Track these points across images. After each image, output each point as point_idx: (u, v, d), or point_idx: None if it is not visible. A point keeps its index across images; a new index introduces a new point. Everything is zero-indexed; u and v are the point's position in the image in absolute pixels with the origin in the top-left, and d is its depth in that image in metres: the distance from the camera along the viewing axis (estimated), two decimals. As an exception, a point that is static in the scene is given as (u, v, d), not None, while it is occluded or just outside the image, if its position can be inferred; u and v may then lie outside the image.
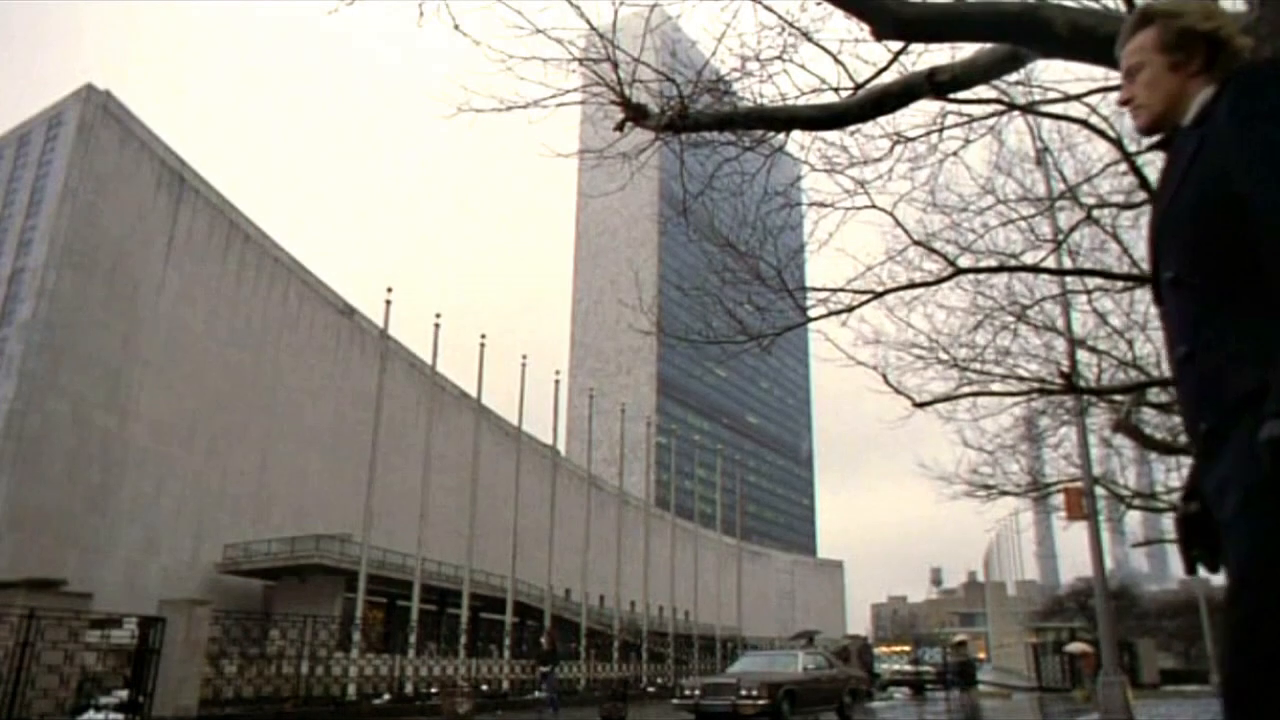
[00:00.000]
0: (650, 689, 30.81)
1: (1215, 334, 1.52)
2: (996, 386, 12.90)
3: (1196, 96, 1.67)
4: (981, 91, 6.82)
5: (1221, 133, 1.54)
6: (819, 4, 4.81)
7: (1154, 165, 10.85)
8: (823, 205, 8.45)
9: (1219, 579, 1.57)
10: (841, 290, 9.63)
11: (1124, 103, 1.82)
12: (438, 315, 30.50)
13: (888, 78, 5.69)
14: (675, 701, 16.07)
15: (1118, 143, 8.50)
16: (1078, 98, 8.07)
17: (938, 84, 4.62)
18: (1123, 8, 7.17)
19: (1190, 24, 1.70)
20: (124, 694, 16.30)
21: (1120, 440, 17.95)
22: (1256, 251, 1.44)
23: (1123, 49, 1.82)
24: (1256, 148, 1.47)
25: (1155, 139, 1.81)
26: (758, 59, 6.42)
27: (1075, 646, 33.78)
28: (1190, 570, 1.72)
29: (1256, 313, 1.45)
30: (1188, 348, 1.57)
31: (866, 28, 4.48)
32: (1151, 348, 13.55)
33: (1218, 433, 1.50)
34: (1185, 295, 1.59)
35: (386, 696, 22.18)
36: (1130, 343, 13.71)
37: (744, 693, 14.28)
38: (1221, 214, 1.50)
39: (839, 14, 4.72)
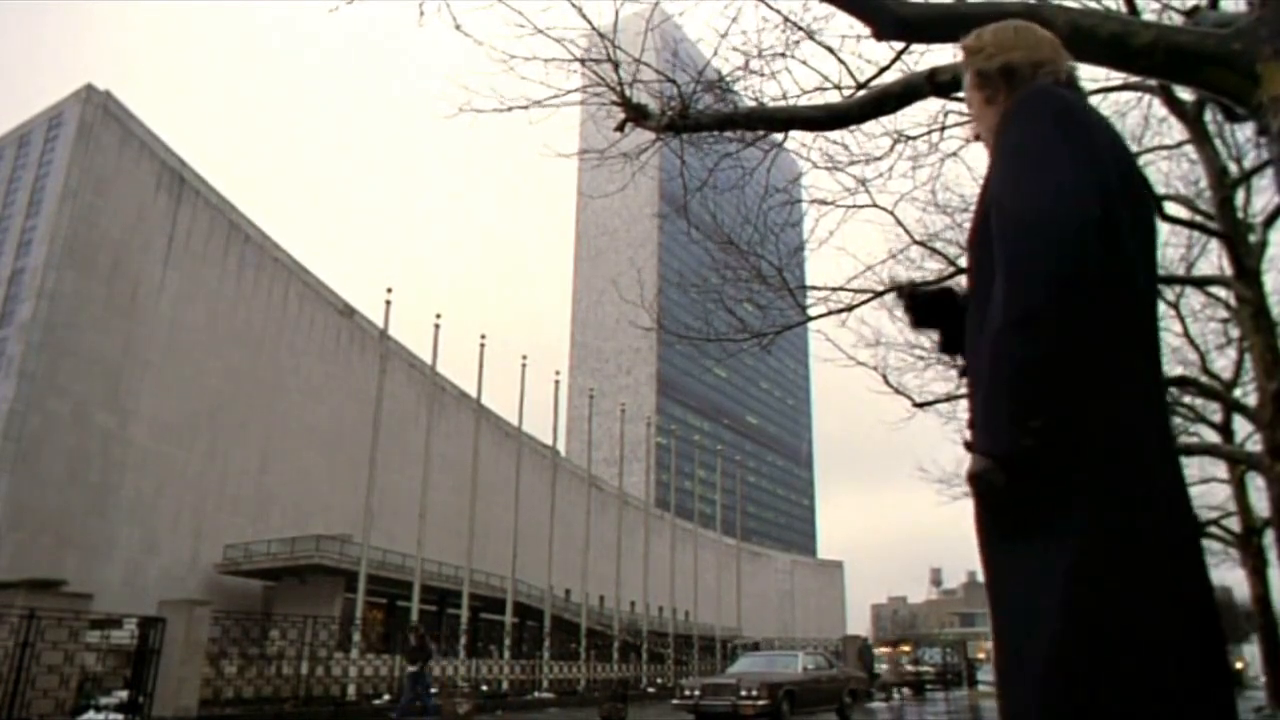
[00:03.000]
0: (650, 689, 30.80)
1: (975, 352, 1.57)
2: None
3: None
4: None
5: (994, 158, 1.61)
6: (821, 2, 4.81)
7: (1155, 165, 10.83)
8: (824, 203, 8.48)
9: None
10: (842, 289, 9.67)
11: (975, 138, 1.88)
12: (438, 315, 30.49)
13: (889, 77, 5.70)
14: (675, 702, 16.05)
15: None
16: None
17: (938, 84, 4.63)
18: (1123, 8, 7.18)
19: (981, 65, 1.79)
20: (124, 694, 16.29)
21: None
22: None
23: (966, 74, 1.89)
24: (999, 170, 1.53)
25: None
26: (760, 56, 6.43)
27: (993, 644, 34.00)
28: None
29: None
30: (966, 361, 1.64)
31: (867, 28, 4.48)
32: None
33: (973, 446, 1.56)
34: (972, 310, 1.64)
35: (386, 697, 22.14)
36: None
37: (744, 693, 14.27)
38: (989, 240, 1.54)
39: (841, 13, 4.73)
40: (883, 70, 5.88)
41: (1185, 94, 8.10)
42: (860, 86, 5.87)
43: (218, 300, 43.79)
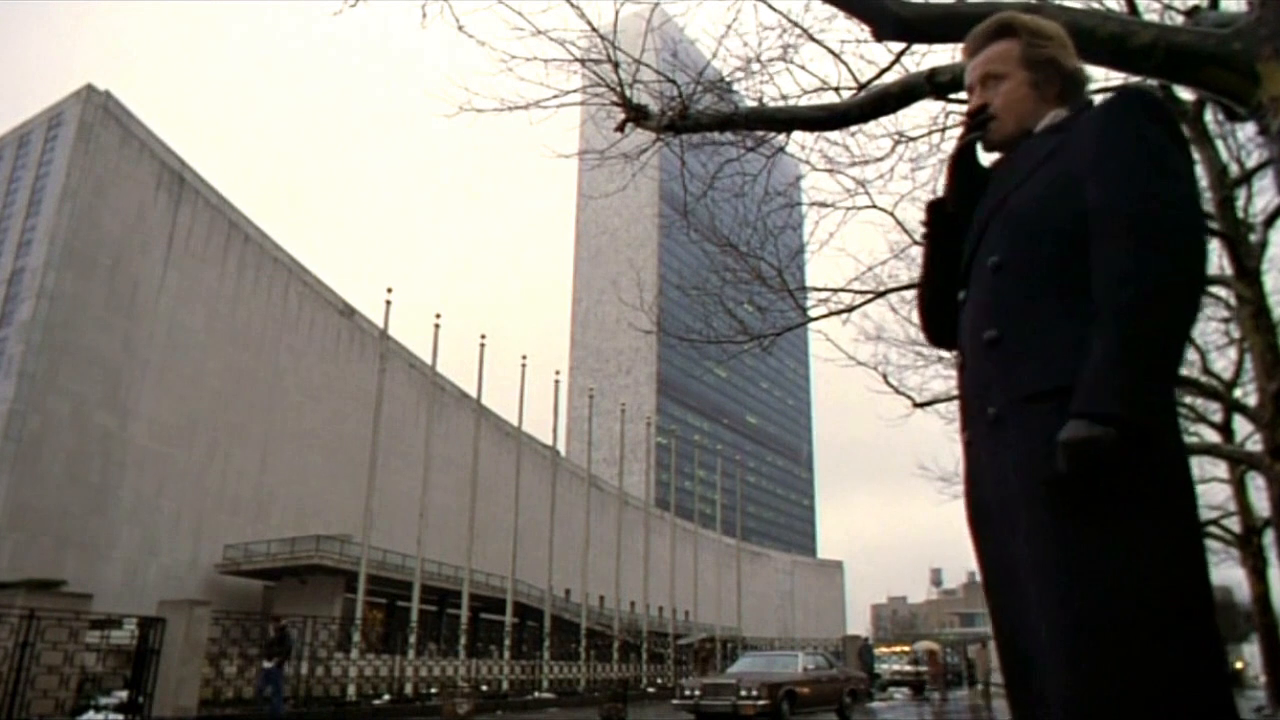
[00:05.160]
0: (650, 689, 30.80)
1: (1029, 324, 1.55)
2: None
3: (1045, 116, 1.72)
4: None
5: (1083, 145, 1.58)
6: (823, 3, 4.82)
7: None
8: (824, 205, 8.47)
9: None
10: (842, 290, 9.66)
11: (976, 110, 1.78)
12: (438, 315, 30.47)
13: (889, 78, 5.70)
14: (675, 702, 16.06)
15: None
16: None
17: (938, 84, 4.62)
18: (1123, 8, 7.18)
19: (1057, 56, 1.76)
20: (124, 694, 16.28)
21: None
22: (1085, 255, 1.49)
23: (976, 54, 1.81)
24: (1111, 161, 1.53)
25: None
26: (759, 59, 6.44)
27: (923, 645, 34.13)
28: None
29: (1071, 313, 1.49)
30: (997, 332, 1.59)
31: (867, 29, 4.48)
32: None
33: (1003, 420, 1.54)
34: (1007, 282, 1.61)
35: (386, 697, 22.16)
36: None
37: (744, 693, 14.28)
38: (1065, 216, 1.55)
39: (841, 15, 4.73)
40: (882, 72, 5.88)
41: (1185, 94, 8.10)
42: (860, 88, 5.87)
43: (218, 300, 43.78)
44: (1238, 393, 12.86)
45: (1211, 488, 18.43)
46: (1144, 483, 1.37)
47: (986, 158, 1.86)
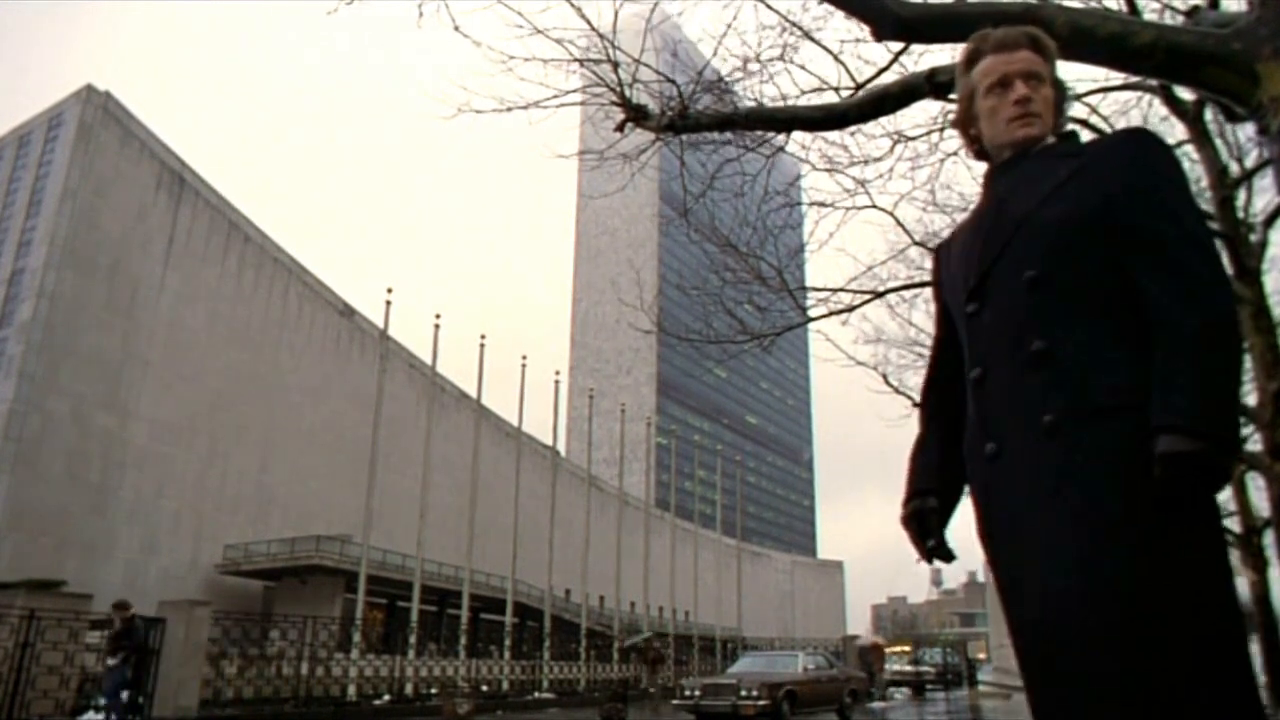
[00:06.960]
0: (650, 689, 30.78)
1: (1077, 338, 1.61)
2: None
3: (1048, 135, 1.83)
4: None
5: (1114, 172, 1.67)
6: (820, 3, 4.81)
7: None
8: (823, 205, 8.47)
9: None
10: (842, 290, 9.65)
11: (1023, 100, 1.82)
12: (438, 315, 30.48)
13: (888, 78, 5.70)
14: (675, 702, 16.08)
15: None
16: (1078, 98, 8.09)
17: (937, 84, 4.62)
18: (1123, 8, 7.17)
19: (1063, 84, 1.90)
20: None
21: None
22: (1134, 273, 1.59)
23: (1013, 51, 1.85)
24: (1159, 195, 1.64)
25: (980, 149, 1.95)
26: (758, 59, 6.44)
27: (865, 639, 34.12)
28: (929, 560, 1.86)
29: (1118, 329, 1.58)
30: (1046, 344, 1.63)
31: (867, 28, 4.48)
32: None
33: (1062, 428, 1.57)
34: (1048, 295, 1.66)
35: (387, 697, 22.15)
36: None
37: (744, 693, 14.28)
38: (1101, 237, 1.64)
39: (840, 14, 4.73)
40: (881, 72, 5.88)
41: (1185, 94, 8.10)
42: (859, 88, 5.87)
43: (218, 300, 43.77)
44: (1238, 392, 12.84)
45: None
46: (1205, 500, 1.49)
47: (978, 166, 1.91)
